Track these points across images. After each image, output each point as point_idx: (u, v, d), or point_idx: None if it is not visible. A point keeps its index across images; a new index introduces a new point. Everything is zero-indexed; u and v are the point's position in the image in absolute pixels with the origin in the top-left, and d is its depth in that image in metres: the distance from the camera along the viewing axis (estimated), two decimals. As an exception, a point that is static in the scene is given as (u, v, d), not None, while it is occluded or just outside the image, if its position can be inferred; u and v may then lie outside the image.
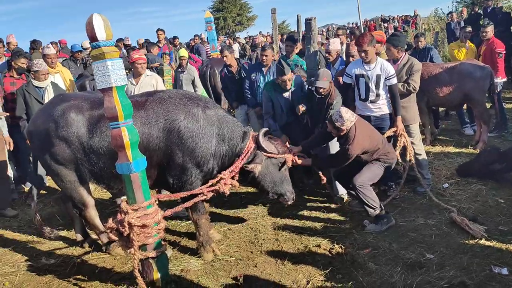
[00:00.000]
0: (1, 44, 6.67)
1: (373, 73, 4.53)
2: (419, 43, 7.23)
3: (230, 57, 6.18)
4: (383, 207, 4.16)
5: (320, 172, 4.51)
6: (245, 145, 3.82)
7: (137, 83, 5.33)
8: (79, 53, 7.77)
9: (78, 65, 7.62)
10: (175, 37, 11.60)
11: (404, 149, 4.65)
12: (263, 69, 5.71)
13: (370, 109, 4.67)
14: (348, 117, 3.92)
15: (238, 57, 9.03)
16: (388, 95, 4.61)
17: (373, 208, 4.10)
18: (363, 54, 4.49)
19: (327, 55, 5.78)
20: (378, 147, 4.15)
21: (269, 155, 3.90)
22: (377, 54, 5.77)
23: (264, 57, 5.66)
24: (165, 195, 3.54)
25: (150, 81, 5.38)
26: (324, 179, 4.49)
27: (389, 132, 4.59)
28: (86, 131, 3.59)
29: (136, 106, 3.51)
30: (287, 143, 4.46)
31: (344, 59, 5.84)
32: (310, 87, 5.00)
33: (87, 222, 4.11)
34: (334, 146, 4.63)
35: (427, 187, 4.71)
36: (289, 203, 4.15)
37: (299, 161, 4.21)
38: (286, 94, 5.11)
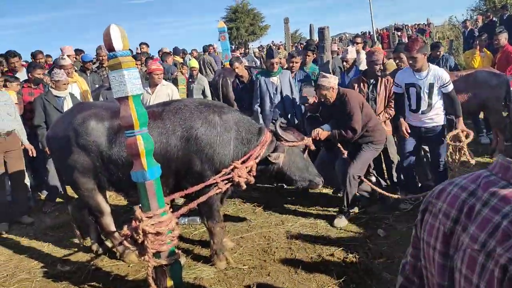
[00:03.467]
0: (18, 58, 6.81)
1: (425, 82, 4.29)
2: (438, 53, 7.22)
3: (240, 68, 6.25)
4: (349, 208, 4.55)
5: (340, 145, 4.55)
6: (261, 139, 3.78)
7: (153, 93, 5.41)
8: (90, 63, 7.87)
9: (89, 75, 7.70)
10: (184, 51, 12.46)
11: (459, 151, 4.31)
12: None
13: (421, 120, 4.45)
14: (330, 75, 4.48)
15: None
16: (442, 104, 4.39)
17: (345, 206, 4.51)
18: (411, 61, 4.25)
19: (344, 63, 5.81)
20: (371, 113, 4.50)
21: (290, 144, 3.91)
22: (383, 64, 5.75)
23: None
24: (180, 192, 3.51)
25: (165, 91, 5.45)
26: (345, 153, 4.52)
27: (452, 133, 4.27)
28: (105, 140, 3.64)
29: (153, 116, 3.56)
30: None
31: (360, 67, 5.85)
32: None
33: (102, 229, 4.16)
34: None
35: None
36: (319, 186, 4.18)
37: (322, 135, 4.39)
38: (274, 79, 5.53)
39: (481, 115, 6.89)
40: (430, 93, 4.29)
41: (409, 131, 4.50)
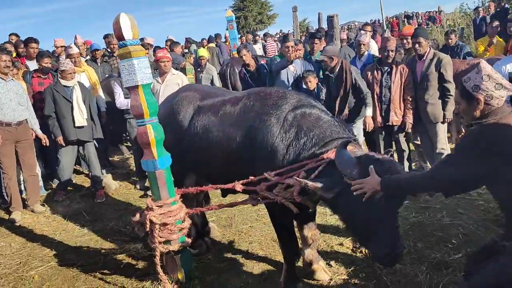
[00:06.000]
0: (36, 45, 6.83)
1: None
2: (449, 40, 7.11)
3: (248, 56, 6.21)
4: None
5: None
6: (319, 152, 2.79)
7: (163, 82, 5.40)
8: (99, 52, 7.78)
9: (99, 64, 7.65)
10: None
11: None
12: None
13: None
14: None
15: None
16: None
17: None
18: None
19: (361, 46, 5.74)
20: None
21: (348, 180, 2.50)
22: (409, 49, 5.63)
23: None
24: (195, 188, 3.30)
25: (175, 80, 5.44)
26: None
27: None
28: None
29: (233, 102, 3.27)
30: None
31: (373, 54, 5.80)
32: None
33: None
34: None
35: None
36: (387, 265, 2.69)
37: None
38: (292, 68, 5.52)
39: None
40: None
41: None
